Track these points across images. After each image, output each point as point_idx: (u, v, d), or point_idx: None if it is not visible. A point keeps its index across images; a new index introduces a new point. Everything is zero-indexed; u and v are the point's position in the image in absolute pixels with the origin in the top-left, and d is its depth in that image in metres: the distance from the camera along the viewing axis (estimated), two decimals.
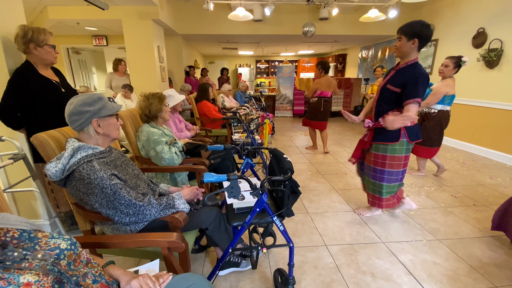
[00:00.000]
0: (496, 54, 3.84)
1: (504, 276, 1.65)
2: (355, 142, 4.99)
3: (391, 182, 2.08)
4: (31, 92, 1.71)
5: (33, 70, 1.73)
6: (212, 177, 1.14)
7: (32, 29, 1.65)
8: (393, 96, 1.92)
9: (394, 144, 1.98)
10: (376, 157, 2.08)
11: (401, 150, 1.98)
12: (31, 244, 0.75)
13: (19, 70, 1.70)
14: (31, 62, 1.74)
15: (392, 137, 1.97)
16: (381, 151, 2.04)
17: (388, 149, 2.00)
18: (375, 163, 2.09)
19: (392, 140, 1.98)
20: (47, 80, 1.79)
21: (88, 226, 1.31)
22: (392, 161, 2.01)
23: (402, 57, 1.92)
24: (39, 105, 1.76)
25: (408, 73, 1.84)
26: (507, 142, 3.80)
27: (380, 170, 2.07)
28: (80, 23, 4.98)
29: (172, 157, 1.84)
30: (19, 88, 1.67)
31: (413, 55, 1.87)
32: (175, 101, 2.42)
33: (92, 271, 0.83)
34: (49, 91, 1.79)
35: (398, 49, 1.89)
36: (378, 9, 4.66)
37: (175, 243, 1.04)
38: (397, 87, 1.88)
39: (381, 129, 1.99)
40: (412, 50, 1.84)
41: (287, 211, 1.35)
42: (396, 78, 1.91)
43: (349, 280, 1.63)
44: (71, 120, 1.13)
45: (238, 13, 4.30)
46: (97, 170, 1.07)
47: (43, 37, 1.68)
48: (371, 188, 2.19)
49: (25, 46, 1.66)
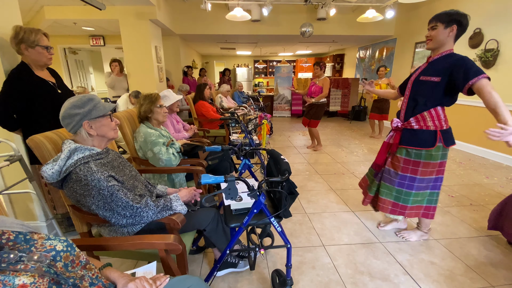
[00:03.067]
0: (493, 55, 3.87)
1: (500, 275, 1.66)
2: (352, 142, 5.01)
3: (420, 189, 1.85)
4: (26, 93, 1.69)
5: (28, 71, 1.71)
6: (210, 179, 1.14)
7: (24, 30, 1.62)
8: (429, 87, 1.70)
9: (430, 149, 1.75)
10: (407, 162, 1.83)
11: (436, 156, 1.75)
12: (27, 246, 0.75)
13: (14, 71, 1.68)
14: (26, 63, 1.72)
15: (428, 142, 1.74)
16: (413, 157, 1.80)
17: (423, 155, 1.77)
18: (404, 169, 1.85)
19: (428, 145, 1.74)
20: (42, 81, 1.77)
21: (85, 228, 1.30)
22: (426, 168, 1.79)
23: (436, 48, 1.71)
24: (35, 106, 1.74)
25: (448, 62, 1.63)
26: (504, 142, 3.82)
27: (411, 177, 1.83)
28: (77, 23, 4.96)
29: (170, 158, 1.84)
30: (14, 89, 1.66)
31: (448, 45, 1.68)
32: (171, 101, 2.41)
33: (89, 273, 0.82)
34: (45, 92, 1.77)
35: (434, 39, 1.68)
36: (376, 9, 4.68)
37: (173, 245, 1.04)
38: (436, 76, 1.67)
39: (413, 132, 1.79)
40: (448, 39, 1.66)
41: (285, 212, 1.35)
42: (431, 68, 1.72)
43: (346, 280, 1.64)
44: (64, 124, 1.13)
45: (236, 13, 4.30)
46: (94, 171, 1.07)
47: (34, 37, 1.64)
48: (394, 195, 1.92)
49: (17, 47, 1.65)
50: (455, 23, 1.62)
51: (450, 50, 1.69)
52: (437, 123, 1.72)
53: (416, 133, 1.78)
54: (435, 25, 1.67)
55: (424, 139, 1.75)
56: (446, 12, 1.65)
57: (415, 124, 1.78)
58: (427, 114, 1.73)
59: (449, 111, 1.79)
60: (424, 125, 1.75)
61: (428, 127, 1.74)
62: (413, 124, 1.78)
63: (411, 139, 1.80)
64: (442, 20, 1.65)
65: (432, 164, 1.78)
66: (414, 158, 1.80)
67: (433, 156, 1.75)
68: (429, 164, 1.78)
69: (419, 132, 1.77)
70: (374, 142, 5.05)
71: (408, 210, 1.91)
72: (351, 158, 4.04)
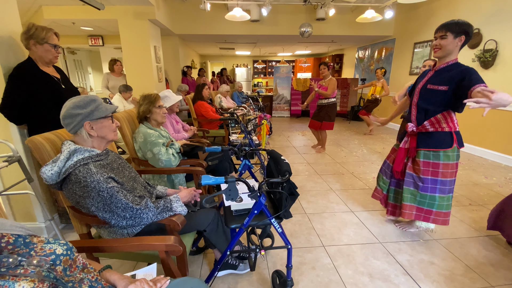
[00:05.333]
0: (491, 55, 3.88)
1: (500, 275, 1.67)
2: (352, 142, 5.01)
3: (444, 192, 1.88)
4: (31, 86, 1.73)
5: (33, 65, 1.76)
6: (210, 180, 1.13)
7: (36, 27, 1.70)
8: (437, 95, 1.75)
9: (447, 150, 1.80)
10: (426, 165, 1.87)
11: (453, 156, 1.80)
12: (26, 249, 0.74)
13: (20, 65, 1.73)
14: (33, 58, 1.77)
15: (445, 143, 1.80)
16: (432, 159, 1.85)
17: (441, 156, 1.82)
18: (424, 172, 1.88)
19: (445, 146, 1.79)
20: (47, 76, 1.81)
21: (84, 229, 1.30)
22: (446, 169, 1.83)
23: (443, 57, 1.76)
24: (39, 100, 1.78)
25: (455, 71, 1.69)
26: (502, 142, 3.84)
27: (432, 180, 1.87)
28: (75, 23, 4.94)
29: (169, 158, 1.83)
30: (19, 83, 1.70)
31: (454, 54, 1.74)
32: (171, 102, 2.41)
33: (89, 276, 0.82)
34: (49, 86, 1.81)
35: (443, 48, 1.72)
36: (375, 9, 4.68)
37: (173, 247, 1.03)
38: (443, 85, 1.72)
39: (429, 134, 1.84)
40: (456, 48, 1.72)
41: (285, 213, 1.35)
42: (438, 77, 1.77)
43: (347, 281, 1.63)
44: (65, 123, 1.12)
45: (235, 13, 4.30)
46: (93, 173, 1.06)
47: (44, 35, 1.71)
48: (417, 200, 1.95)
49: (26, 41, 1.71)
50: (464, 33, 1.67)
51: (455, 59, 1.74)
52: (451, 125, 1.78)
53: (432, 135, 1.83)
54: (445, 34, 1.69)
55: (441, 140, 1.81)
56: (455, 22, 1.68)
57: (430, 127, 1.82)
58: (441, 117, 1.78)
59: None
60: (439, 127, 1.80)
61: (443, 128, 1.79)
62: (428, 127, 1.83)
63: (429, 141, 1.85)
64: (452, 30, 1.68)
65: (450, 165, 1.82)
66: (434, 159, 1.85)
67: (451, 157, 1.81)
68: (448, 165, 1.82)
69: (435, 134, 1.82)
70: (373, 142, 5.05)
71: (433, 216, 1.92)
72: (350, 158, 4.04)
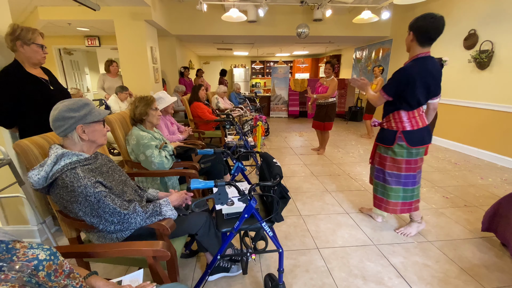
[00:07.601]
0: (487, 56, 3.88)
1: (494, 278, 1.66)
2: (349, 143, 5.01)
3: (392, 184, 2.01)
4: (18, 89, 1.70)
5: (19, 67, 1.73)
6: (199, 184, 1.12)
7: (21, 28, 1.67)
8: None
9: (390, 147, 1.95)
10: (380, 157, 2.06)
11: (401, 153, 1.92)
12: (8, 255, 0.73)
13: (5, 68, 1.70)
14: (19, 60, 1.74)
15: (387, 140, 1.96)
16: (383, 152, 2.03)
17: (388, 151, 1.99)
18: (378, 163, 2.08)
19: (387, 143, 1.96)
20: (34, 78, 1.78)
21: (73, 233, 1.28)
22: (392, 163, 1.98)
23: (409, 53, 1.86)
24: (28, 103, 1.75)
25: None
26: (498, 143, 3.84)
27: (381, 170, 2.06)
28: (71, 24, 4.92)
29: (162, 161, 1.82)
30: (6, 86, 1.67)
31: (414, 50, 1.78)
32: (166, 103, 2.39)
33: (73, 282, 0.80)
34: (37, 88, 1.78)
35: (406, 44, 1.86)
36: (371, 10, 4.68)
37: (161, 252, 1.02)
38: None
39: (382, 130, 2.03)
40: (411, 45, 1.79)
41: (277, 217, 1.34)
42: None
43: (340, 283, 1.63)
44: (55, 126, 1.10)
45: (232, 14, 4.28)
46: (80, 177, 1.05)
47: (30, 35, 1.68)
48: (377, 189, 2.13)
49: (12, 43, 1.68)
50: (411, 30, 1.76)
51: (417, 55, 1.78)
52: (399, 125, 1.90)
53: (383, 131, 2.01)
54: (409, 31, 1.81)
55: (385, 137, 1.98)
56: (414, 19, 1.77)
57: (385, 124, 2.00)
58: (392, 116, 1.95)
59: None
60: (389, 126, 1.96)
61: (391, 127, 1.94)
62: (384, 124, 2.01)
63: (379, 136, 2.05)
64: (409, 27, 1.79)
65: (397, 160, 1.95)
66: (383, 153, 2.03)
67: (397, 153, 1.94)
68: (394, 159, 1.97)
69: (384, 130, 1.99)
70: (370, 142, 5.05)
71: (384, 204, 2.08)
72: (347, 159, 4.04)
